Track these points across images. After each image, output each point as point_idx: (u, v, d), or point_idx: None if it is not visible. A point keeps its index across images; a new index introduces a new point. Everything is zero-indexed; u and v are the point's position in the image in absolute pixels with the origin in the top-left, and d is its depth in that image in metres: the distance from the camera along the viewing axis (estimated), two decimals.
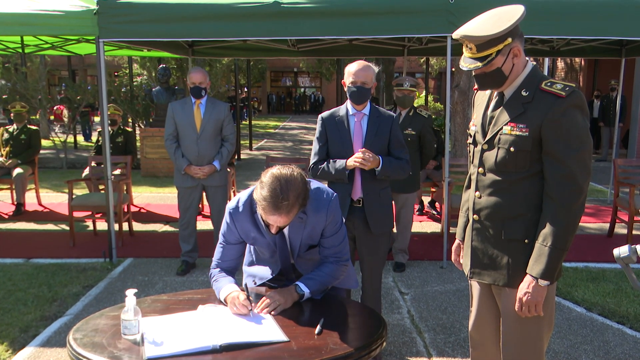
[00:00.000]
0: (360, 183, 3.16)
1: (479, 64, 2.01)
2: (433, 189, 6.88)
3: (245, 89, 18.06)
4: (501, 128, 2.09)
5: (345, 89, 3.17)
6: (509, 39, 1.98)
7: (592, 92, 14.54)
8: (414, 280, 4.79)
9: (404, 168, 3.22)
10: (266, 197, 2.06)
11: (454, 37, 2.08)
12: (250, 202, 2.30)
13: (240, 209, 2.30)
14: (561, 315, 4.05)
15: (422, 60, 24.63)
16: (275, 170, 2.13)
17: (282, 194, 2.04)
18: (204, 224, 6.27)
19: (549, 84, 2.02)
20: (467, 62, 2.06)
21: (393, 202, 5.05)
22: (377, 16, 4.63)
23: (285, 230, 2.29)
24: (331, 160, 3.19)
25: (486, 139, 2.14)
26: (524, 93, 2.05)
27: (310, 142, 15.64)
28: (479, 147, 2.18)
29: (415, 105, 5.27)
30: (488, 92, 2.23)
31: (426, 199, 7.35)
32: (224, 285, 2.26)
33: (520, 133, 2.03)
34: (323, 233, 2.34)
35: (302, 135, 20.45)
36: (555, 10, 4.58)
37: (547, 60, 12.36)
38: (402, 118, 4.90)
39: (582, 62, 14.86)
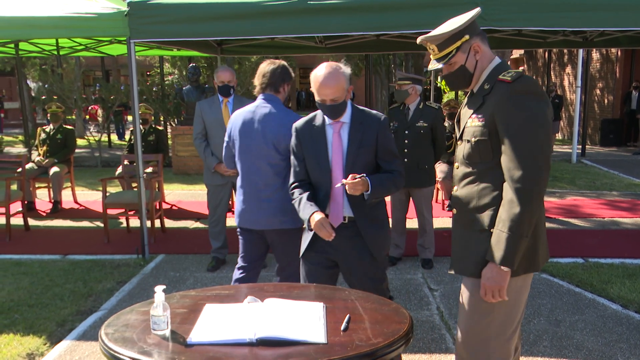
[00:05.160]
0: (346, 201, 2.66)
1: (441, 63, 2.13)
2: None
3: None
4: (466, 121, 2.19)
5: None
6: (467, 36, 2.10)
7: (630, 84, 14.14)
8: (444, 277, 4.75)
9: (397, 183, 2.67)
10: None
11: (417, 42, 2.20)
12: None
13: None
14: (596, 312, 3.97)
15: None
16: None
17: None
18: (234, 221, 6.33)
19: (505, 73, 2.08)
20: (432, 64, 2.18)
21: (411, 198, 5.04)
22: (404, 11, 4.58)
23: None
24: (304, 198, 2.68)
25: (459, 135, 2.25)
26: (485, 86, 2.13)
27: None
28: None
29: (446, 99, 5.25)
30: None
31: None
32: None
33: (478, 123, 2.11)
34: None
35: None
36: (587, 2, 4.46)
37: (581, 51, 12.15)
38: (412, 111, 4.87)
39: (619, 53, 14.44)
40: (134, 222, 6.32)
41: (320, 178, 2.69)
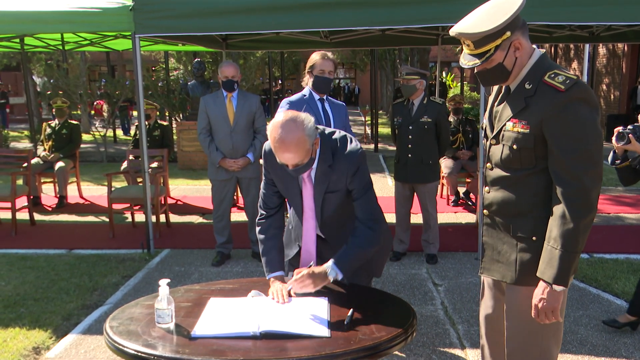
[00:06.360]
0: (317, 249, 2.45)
1: (478, 60, 1.93)
2: (468, 180, 6.81)
3: (280, 81, 18.14)
4: (505, 124, 2.02)
5: None
6: (508, 33, 1.88)
7: (636, 79, 14.06)
8: (448, 272, 4.75)
9: (373, 242, 2.30)
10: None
11: (450, 34, 1.98)
12: None
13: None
14: (600, 307, 3.96)
15: (457, 49, 24.25)
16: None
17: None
18: (238, 216, 6.36)
19: (552, 75, 1.90)
20: (466, 59, 1.97)
21: (415, 193, 5.04)
22: (410, 5, 4.57)
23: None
24: (268, 251, 2.42)
25: (493, 134, 2.09)
26: (527, 86, 1.95)
27: None
28: (488, 142, 2.13)
29: (451, 94, 5.22)
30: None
31: (461, 190, 7.27)
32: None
33: (521, 130, 1.95)
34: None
35: None
36: None
37: (587, 46, 12.03)
38: (417, 107, 4.86)
39: (625, 48, 14.35)
40: (139, 217, 6.35)
41: (294, 213, 2.51)
